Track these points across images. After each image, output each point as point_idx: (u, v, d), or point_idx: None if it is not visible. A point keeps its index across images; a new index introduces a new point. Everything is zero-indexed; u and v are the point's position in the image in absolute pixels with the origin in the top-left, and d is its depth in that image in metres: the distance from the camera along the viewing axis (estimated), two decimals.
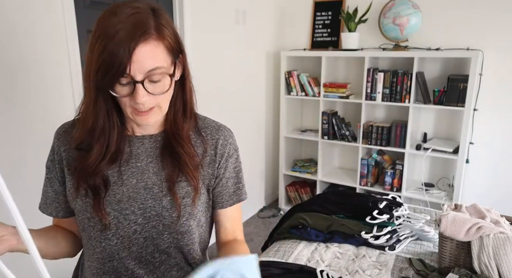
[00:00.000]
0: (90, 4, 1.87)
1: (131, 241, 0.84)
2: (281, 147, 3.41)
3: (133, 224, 0.83)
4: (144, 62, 0.71)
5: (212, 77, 2.71)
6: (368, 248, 1.67)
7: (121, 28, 0.69)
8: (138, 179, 0.84)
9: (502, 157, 2.78)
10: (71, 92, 1.77)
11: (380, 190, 3.00)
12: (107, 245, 0.83)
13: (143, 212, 0.83)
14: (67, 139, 0.86)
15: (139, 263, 0.85)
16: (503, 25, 2.59)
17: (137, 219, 0.83)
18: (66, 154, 0.85)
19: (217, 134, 0.90)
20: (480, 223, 1.39)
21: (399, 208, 1.87)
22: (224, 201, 0.92)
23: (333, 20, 3.20)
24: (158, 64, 0.73)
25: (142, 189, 0.84)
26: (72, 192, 0.84)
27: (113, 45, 0.68)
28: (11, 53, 1.54)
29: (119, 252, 0.84)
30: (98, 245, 0.84)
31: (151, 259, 0.86)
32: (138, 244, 0.84)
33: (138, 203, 0.83)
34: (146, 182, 0.84)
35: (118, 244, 0.83)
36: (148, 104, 0.75)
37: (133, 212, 0.83)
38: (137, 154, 0.85)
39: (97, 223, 0.82)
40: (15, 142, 1.60)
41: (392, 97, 2.82)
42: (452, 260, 1.44)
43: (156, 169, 0.85)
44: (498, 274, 1.33)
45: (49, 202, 0.90)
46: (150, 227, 0.84)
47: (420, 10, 2.71)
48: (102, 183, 0.82)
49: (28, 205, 1.66)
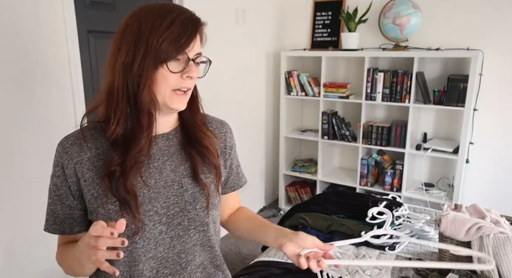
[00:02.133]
0: (90, 4, 1.87)
1: (157, 242, 0.84)
2: (281, 147, 3.41)
3: (158, 224, 0.83)
4: (197, 44, 0.82)
5: (212, 77, 2.70)
6: (368, 248, 1.67)
7: (183, 11, 0.80)
8: (156, 179, 0.84)
9: (502, 157, 2.78)
10: (71, 92, 1.77)
11: (380, 190, 3.00)
12: (134, 249, 0.83)
13: (166, 211, 0.84)
14: (77, 151, 0.82)
15: (166, 263, 0.86)
16: (503, 25, 2.59)
17: (161, 219, 0.83)
18: (79, 165, 0.82)
19: (224, 128, 0.99)
20: (480, 223, 1.39)
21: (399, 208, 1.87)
22: (233, 186, 1.03)
23: (333, 20, 3.20)
24: (201, 50, 0.84)
25: (162, 188, 0.84)
26: (97, 198, 0.81)
27: (182, 21, 0.77)
28: (11, 53, 1.54)
29: (146, 254, 0.83)
30: (124, 249, 0.82)
31: (178, 259, 0.86)
32: (164, 245, 0.85)
33: (160, 202, 0.83)
34: (165, 180, 0.85)
35: (144, 246, 0.83)
36: (192, 83, 0.83)
37: (156, 212, 0.83)
38: (152, 154, 0.85)
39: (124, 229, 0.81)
40: (14, 142, 1.60)
41: (392, 97, 2.82)
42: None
43: (173, 166, 0.86)
44: (498, 274, 1.33)
45: (59, 221, 0.86)
46: (175, 225, 0.85)
47: (420, 10, 2.71)
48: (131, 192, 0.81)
49: (28, 204, 1.66)
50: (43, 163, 1.71)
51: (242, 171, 1.07)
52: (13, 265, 1.63)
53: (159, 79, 0.78)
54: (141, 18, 0.77)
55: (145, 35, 0.76)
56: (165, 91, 0.79)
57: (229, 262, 2.71)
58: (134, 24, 0.77)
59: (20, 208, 1.65)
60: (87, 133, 0.84)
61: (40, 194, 1.77)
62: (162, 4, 0.80)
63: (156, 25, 0.76)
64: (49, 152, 1.71)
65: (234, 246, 2.93)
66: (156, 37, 0.75)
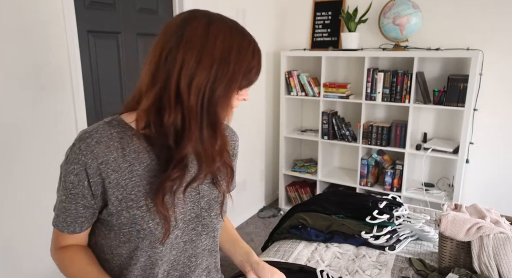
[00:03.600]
0: (90, 4, 1.87)
1: (172, 246, 0.86)
2: (281, 147, 3.42)
3: (175, 229, 0.84)
4: None
5: None
6: (368, 248, 1.67)
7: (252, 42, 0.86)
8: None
9: (502, 157, 2.78)
10: (70, 92, 1.77)
11: (380, 190, 3.00)
12: (153, 253, 0.83)
13: (183, 217, 0.85)
14: (103, 150, 0.78)
15: (177, 265, 0.89)
16: (503, 25, 2.59)
17: (178, 224, 0.85)
18: (104, 166, 0.78)
19: (234, 137, 1.03)
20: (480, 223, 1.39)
21: (399, 208, 1.87)
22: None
23: (333, 20, 3.20)
24: None
25: (181, 194, 0.85)
26: (121, 201, 0.80)
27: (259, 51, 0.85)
28: (11, 53, 1.54)
29: (162, 258, 0.85)
30: (144, 254, 0.83)
31: (188, 262, 0.90)
32: (178, 248, 0.87)
33: (179, 208, 0.84)
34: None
35: (162, 251, 0.84)
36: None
37: (175, 218, 0.84)
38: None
39: (147, 235, 0.80)
40: (14, 142, 1.60)
41: (392, 97, 2.82)
42: (452, 260, 1.44)
43: (192, 172, 0.86)
44: (498, 274, 1.33)
45: (70, 220, 0.83)
46: (190, 230, 0.87)
47: (420, 10, 2.71)
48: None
49: (27, 203, 1.66)
50: (43, 162, 1.71)
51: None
52: (13, 264, 1.63)
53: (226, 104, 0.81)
54: (225, 36, 0.78)
55: (233, 58, 0.78)
56: (229, 111, 0.83)
57: (229, 262, 2.70)
58: (217, 40, 0.76)
59: (19, 207, 1.65)
60: (113, 131, 0.79)
61: (39, 193, 1.78)
62: (236, 24, 0.83)
63: (243, 50, 0.80)
64: (49, 151, 1.72)
65: None
66: (245, 64, 0.80)
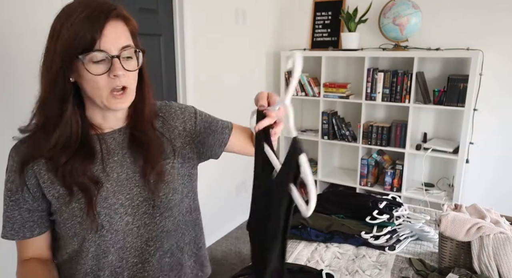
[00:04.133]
0: None
1: (125, 233, 0.85)
2: (281, 147, 3.41)
3: (124, 216, 0.84)
4: (117, 38, 0.76)
5: (212, 77, 2.70)
6: (368, 248, 1.67)
7: (86, 8, 0.73)
8: (118, 172, 0.85)
9: (502, 157, 2.78)
10: None
11: (380, 190, 3.00)
12: (102, 242, 0.84)
13: (131, 202, 0.85)
14: (31, 152, 0.83)
15: (135, 252, 0.87)
16: (503, 25, 2.59)
17: (126, 210, 0.85)
18: (36, 167, 0.82)
19: (182, 115, 0.96)
20: (480, 223, 1.39)
21: (399, 208, 1.87)
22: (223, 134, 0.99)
23: (333, 20, 3.20)
24: (129, 42, 0.79)
25: (124, 181, 0.85)
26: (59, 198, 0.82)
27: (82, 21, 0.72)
28: (10, 53, 1.54)
29: (114, 245, 0.85)
30: (92, 244, 0.84)
31: (146, 247, 0.88)
32: (132, 234, 0.86)
33: (125, 194, 0.85)
34: (126, 172, 0.86)
35: (112, 238, 0.84)
36: (124, 81, 0.78)
37: (121, 204, 0.84)
38: (112, 149, 0.87)
39: (89, 225, 0.82)
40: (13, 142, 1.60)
41: (392, 97, 2.82)
42: (452, 260, 1.44)
43: (132, 158, 0.87)
44: (498, 274, 1.33)
45: (17, 227, 0.85)
46: (141, 214, 0.86)
47: (420, 10, 2.71)
48: (92, 183, 0.81)
49: None
50: None
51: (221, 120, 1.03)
52: None
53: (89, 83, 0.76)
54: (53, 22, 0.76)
55: (53, 40, 0.75)
56: (102, 93, 0.77)
57: (229, 262, 2.71)
58: (51, 27, 0.77)
59: None
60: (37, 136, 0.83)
61: None
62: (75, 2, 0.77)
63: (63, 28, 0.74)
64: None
65: (234, 246, 2.93)
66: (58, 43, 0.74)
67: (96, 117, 0.85)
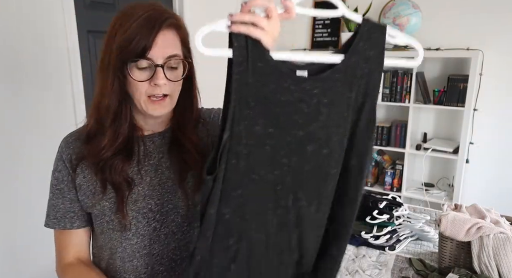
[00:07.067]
0: (90, 4, 1.87)
1: (151, 239, 0.84)
2: None
3: (152, 222, 0.84)
4: (165, 47, 0.75)
5: (212, 77, 2.70)
6: (368, 248, 1.66)
7: (145, 13, 0.74)
8: (151, 176, 0.85)
9: (502, 157, 2.78)
10: (70, 92, 1.77)
11: (380, 190, 3.00)
12: (128, 245, 0.84)
13: (160, 208, 0.84)
14: (78, 146, 0.84)
15: (161, 259, 0.86)
16: (503, 25, 2.59)
17: (155, 216, 0.84)
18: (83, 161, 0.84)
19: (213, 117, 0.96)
20: (480, 223, 1.39)
21: (399, 208, 1.87)
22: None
23: (333, 20, 3.20)
24: (176, 51, 0.77)
25: (157, 185, 0.84)
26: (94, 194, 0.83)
27: (138, 27, 0.72)
28: (11, 53, 1.54)
29: (140, 251, 0.84)
30: (119, 245, 0.84)
31: (173, 256, 0.87)
32: (159, 241, 0.85)
33: (155, 200, 0.84)
34: (160, 177, 0.85)
35: (138, 243, 0.84)
36: (164, 90, 0.77)
37: (150, 209, 0.83)
38: (149, 152, 0.86)
39: (116, 225, 0.82)
40: (14, 142, 1.60)
41: (392, 97, 2.82)
42: (452, 260, 1.44)
43: (168, 163, 0.86)
44: (498, 274, 1.33)
45: (59, 216, 0.86)
46: (169, 222, 0.85)
47: (420, 10, 2.71)
48: (125, 183, 0.82)
49: (28, 203, 1.66)
50: (43, 162, 1.70)
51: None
52: (13, 264, 1.63)
53: (131, 86, 0.77)
54: (113, 20, 0.76)
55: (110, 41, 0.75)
56: (140, 98, 0.78)
57: None
58: (109, 27, 0.76)
59: (21, 207, 1.64)
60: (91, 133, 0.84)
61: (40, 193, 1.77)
62: (136, 3, 0.77)
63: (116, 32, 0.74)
64: (49, 151, 1.71)
65: None
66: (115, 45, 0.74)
67: (138, 119, 0.86)
